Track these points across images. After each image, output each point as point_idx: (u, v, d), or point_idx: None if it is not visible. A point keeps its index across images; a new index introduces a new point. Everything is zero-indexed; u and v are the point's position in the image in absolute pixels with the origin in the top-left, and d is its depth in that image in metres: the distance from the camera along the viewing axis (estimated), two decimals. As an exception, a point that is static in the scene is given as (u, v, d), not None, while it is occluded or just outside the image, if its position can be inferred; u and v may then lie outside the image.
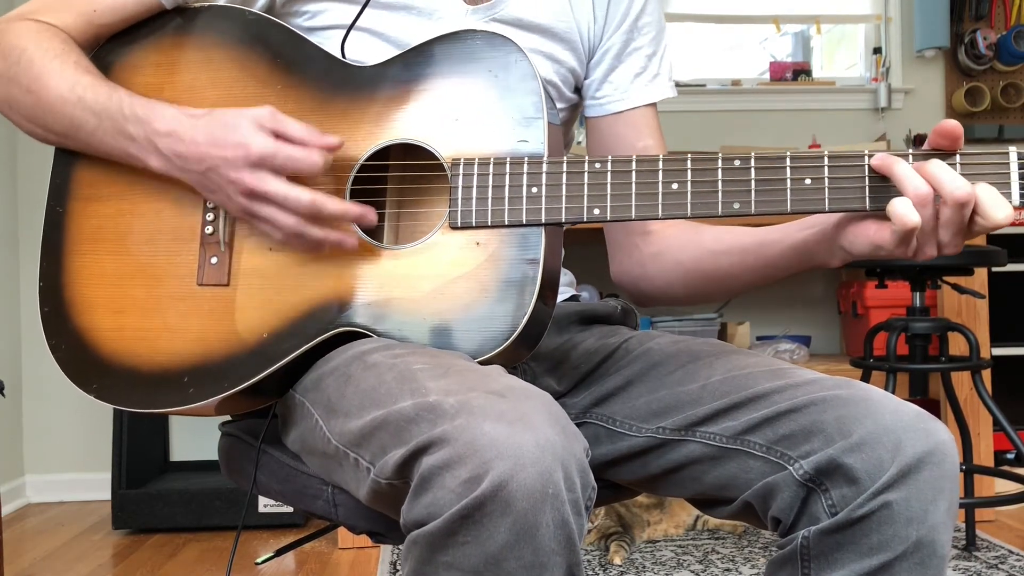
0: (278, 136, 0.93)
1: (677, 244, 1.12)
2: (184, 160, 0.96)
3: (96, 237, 1.04)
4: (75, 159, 1.06)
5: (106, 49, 1.08)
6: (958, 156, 0.85)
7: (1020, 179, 0.84)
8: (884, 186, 0.86)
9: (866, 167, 0.87)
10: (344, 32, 1.04)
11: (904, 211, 0.83)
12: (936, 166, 0.84)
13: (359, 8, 1.04)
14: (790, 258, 0.99)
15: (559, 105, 1.15)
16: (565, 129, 1.19)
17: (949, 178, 0.83)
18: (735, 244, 1.05)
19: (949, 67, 3.67)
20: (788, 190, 0.88)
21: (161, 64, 1.06)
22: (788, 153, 0.89)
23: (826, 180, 0.87)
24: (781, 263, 1.01)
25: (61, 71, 1.01)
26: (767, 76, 3.71)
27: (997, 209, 0.83)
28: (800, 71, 3.66)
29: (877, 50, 3.66)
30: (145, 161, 0.99)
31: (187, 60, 1.06)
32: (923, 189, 0.83)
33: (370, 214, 0.95)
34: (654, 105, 1.19)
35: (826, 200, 0.87)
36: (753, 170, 0.88)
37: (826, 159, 0.87)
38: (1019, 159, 0.84)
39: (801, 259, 0.99)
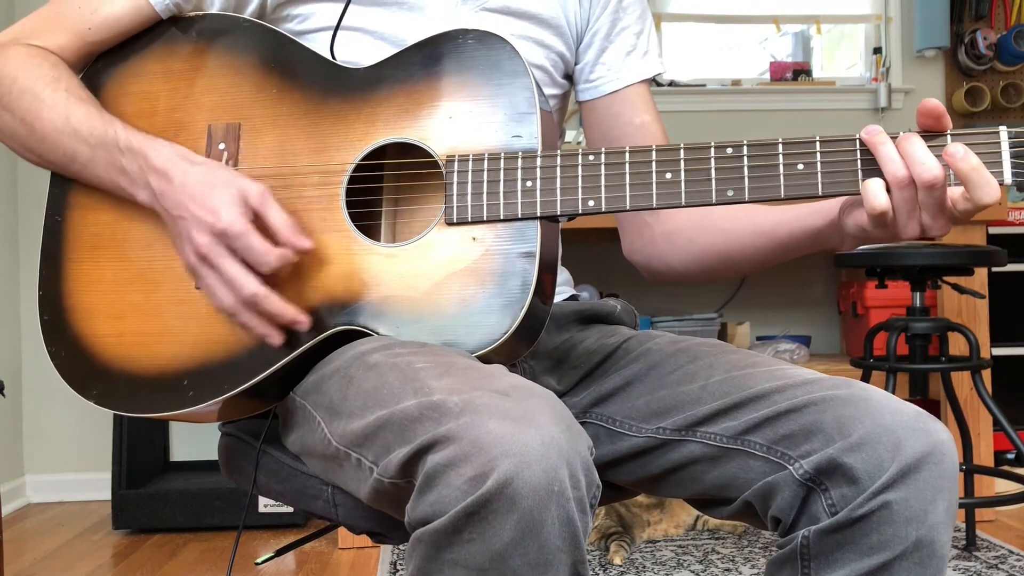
0: (259, 216, 0.93)
1: (689, 223, 1.12)
2: (164, 199, 0.96)
3: (95, 244, 1.04)
4: None
5: (100, 64, 1.09)
6: (948, 136, 0.85)
7: (1012, 158, 0.84)
8: (876, 169, 0.86)
9: (858, 151, 0.87)
10: (332, 33, 1.04)
11: (872, 192, 0.85)
12: (910, 144, 0.84)
13: (350, 5, 1.05)
14: (801, 240, 1.00)
15: (551, 91, 1.16)
16: (557, 117, 1.20)
17: (920, 159, 0.83)
18: (747, 225, 1.06)
19: (949, 67, 3.68)
20: (781, 176, 0.89)
21: (158, 73, 1.07)
22: (780, 139, 0.89)
23: (819, 164, 0.88)
24: (792, 244, 1.01)
25: (53, 101, 1.01)
26: (767, 76, 3.71)
27: (983, 190, 0.83)
28: (800, 71, 3.66)
29: (877, 50, 3.66)
30: (134, 194, 0.99)
31: (183, 68, 1.06)
32: (900, 173, 0.84)
33: (304, 324, 0.94)
34: (647, 82, 1.20)
35: (819, 184, 0.88)
36: (746, 157, 0.89)
37: (818, 144, 0.88)
38: (1009, 138, 0.84)
39: (813, 242, 0.99)
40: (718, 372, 0.96)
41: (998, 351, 2.98)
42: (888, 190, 0.85)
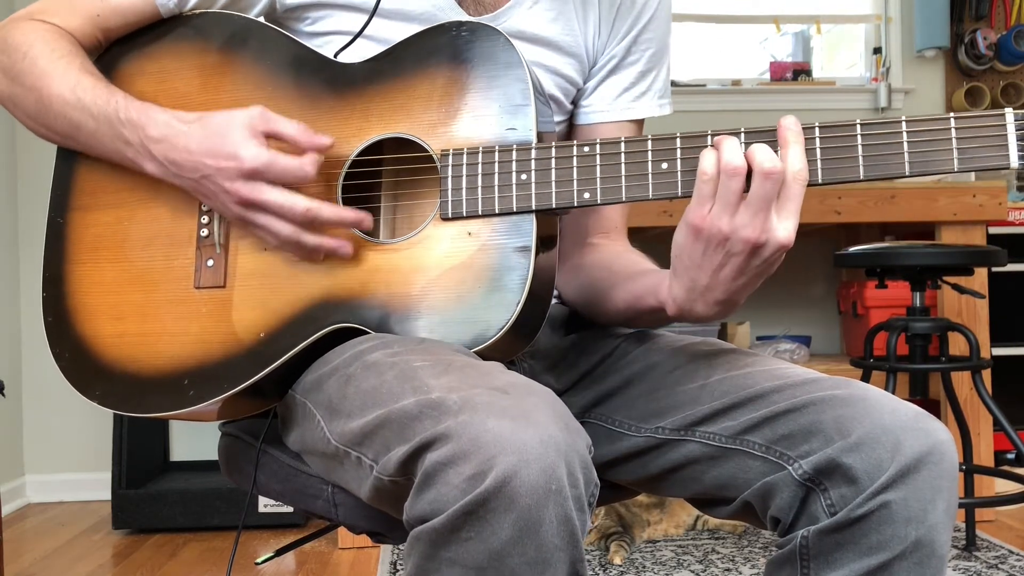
0: (270, 136, 0.94)
1: (607, 258, 1.12)
2: (178, 167, 0.97)
3: (95, 246, 1.05)
4: (74, 168, 1.07)
5: (108, 56, 1.09)
6: (952, 120, 0.83)
7: (1018, 140, 0.82)
8: (874, 156, 0.84)
9: (858, 136, 0.85)
10: (345, 38, 1.04)
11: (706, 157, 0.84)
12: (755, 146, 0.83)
13: (360, 15, 1.04)
14: (647, 281, 0.98)
15: (559, 118, 1.14)
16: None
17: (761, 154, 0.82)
18: (627, 261, 1.06)
19: (949, 67, 3.68)
20: None
21: (154, 73, 1.07)
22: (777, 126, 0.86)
23: (818, 151, 0.85)
24: (639, 283, 1.00)
25: (65, 72, 1.02)
26: (767, 76, 3.72)
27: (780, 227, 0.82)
28: (800, 71, 3.67)
29: (877, 50, 3.66)
30: (141, 166, 1.00)
31: (179, 67, 1.06)
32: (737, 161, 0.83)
33: (366, 220, 0.95)
34: (637, 122, 1.18)
35: (819, 171, 0.86)
36: (743, 145, 0.86)
37: (817, 129, 0.85)
38: (1015, 120, 0.82)
39: (649, 286, 0.97)
40: (717, 371, 0.96)
41: (998, 351, 2.98)
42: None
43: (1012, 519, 2.76)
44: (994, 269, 2.85)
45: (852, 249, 2.40)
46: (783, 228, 0.83)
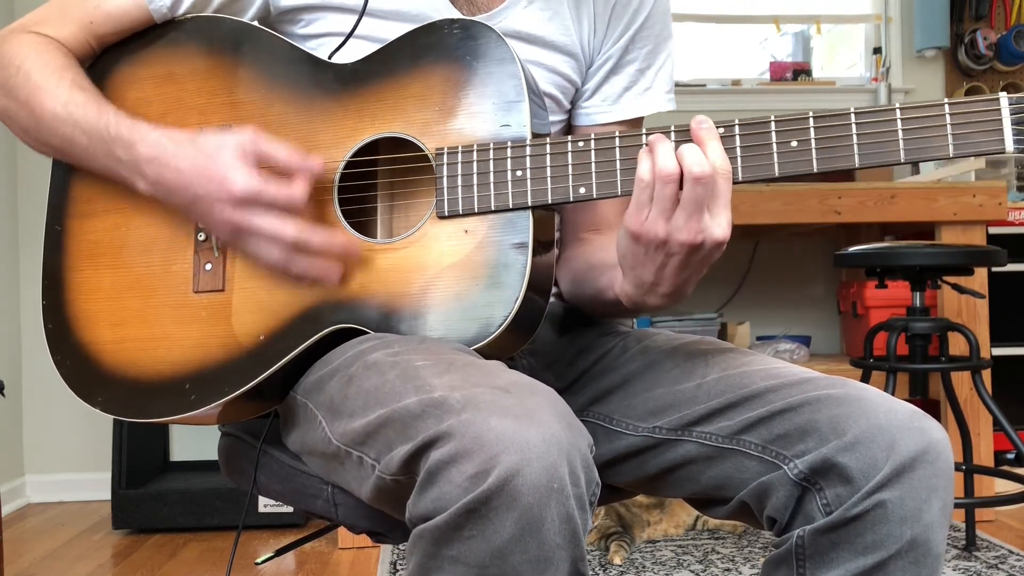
0: (261, 161, 0.93)
1: (589, 253, 1.12)
2: (169, 187, 0.96)
3: (94, 252, 1.05)
4: (71, 176, 1.07)
5: (101, 63, 1.09)
6: (947, 106, 0.82)
7: (1013, 124, 0.81)
8: (869, 144, 0.84)
9: (853, 125, 0.84)
10: (339, 39, 1.04)
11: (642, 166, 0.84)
12: (686, 147, 0.84)
13: (353, 16, 1.04)
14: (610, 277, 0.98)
15: (555, 117, 1.14)
16: None
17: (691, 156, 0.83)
18: (602, 256, 1.06)
19: (949, 67, 3.68)
20: (775, 153, 0.86)
21: (147, 78, 1.07)
22: (772, 117, 0.86)
23: (812, 141, 0.85)
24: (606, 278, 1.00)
25: (57, 87, 1.02)
26: (767, 76, 3.72)
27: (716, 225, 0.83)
28: (800, 71, 3.67)
29: (877, 50, 3.66)
30: (133, 184, 0.99)
31: (174, 72, 1.06)
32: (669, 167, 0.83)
33: (353, 248, 0.95)
34: (640, 119, 1.18)
35: (814, 161, 0.85)
36: (738, 137, 0.86)
37: (812, 120, 0.85)
38: (1010, 104, 0.81)
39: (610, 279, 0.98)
40: (714, 371, 0.96)
41: (998, 351, 2.98)
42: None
43: (1012, 519, 2.76)
44: (994, 269, 2.85)
45: (852, 249, 2.40)
46: (717, 226, 0.84)
